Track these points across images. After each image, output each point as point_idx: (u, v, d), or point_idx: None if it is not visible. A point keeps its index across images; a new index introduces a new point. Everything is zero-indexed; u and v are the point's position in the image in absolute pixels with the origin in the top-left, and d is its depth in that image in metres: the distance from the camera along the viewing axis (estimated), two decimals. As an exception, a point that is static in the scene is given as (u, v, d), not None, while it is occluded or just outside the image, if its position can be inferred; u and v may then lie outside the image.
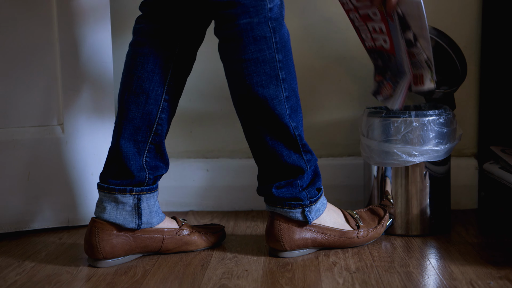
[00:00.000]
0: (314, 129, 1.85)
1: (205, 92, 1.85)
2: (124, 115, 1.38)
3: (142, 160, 1.38)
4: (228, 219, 1.74)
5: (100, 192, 1.39)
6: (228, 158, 1.87)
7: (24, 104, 1.61)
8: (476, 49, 1.80)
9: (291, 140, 1.37)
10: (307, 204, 1.40)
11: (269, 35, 1.31)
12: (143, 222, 1.38)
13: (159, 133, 1.39)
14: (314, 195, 1.41)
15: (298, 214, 1.40)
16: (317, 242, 1.43)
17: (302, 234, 1.41)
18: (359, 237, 1.46)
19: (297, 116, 1.37)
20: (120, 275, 1.31)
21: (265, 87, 1.32)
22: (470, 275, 1.26)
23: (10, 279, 1.31)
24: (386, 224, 1.52)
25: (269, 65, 1.32)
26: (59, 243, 1.55)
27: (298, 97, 1.38)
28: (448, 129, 1.51)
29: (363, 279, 1.26)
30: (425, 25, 1.37)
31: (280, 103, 1.34)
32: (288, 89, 1.35)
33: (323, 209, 1.44)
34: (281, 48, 1.33)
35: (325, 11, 1.81)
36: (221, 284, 1.25)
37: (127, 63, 1.40)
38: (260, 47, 1.30)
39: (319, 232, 1.42)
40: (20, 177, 1.62)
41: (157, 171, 1.41)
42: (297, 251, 1.41)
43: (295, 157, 1.38)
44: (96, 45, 1.64)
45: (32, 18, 1.59)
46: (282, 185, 1.39)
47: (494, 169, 1.68)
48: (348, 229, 1.45)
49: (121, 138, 1.37)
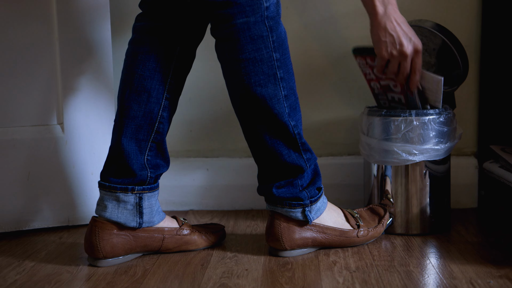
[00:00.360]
0: (314, 128, 1.85)
1: (205, 91, 1.85)
2: (126, 113, 1.38)
3: (144, 159, 1.38)
4: (228, 218, 1.74)
5: (101, 190, 1.39)
6: (228, 157, 1.87)
7: (24, 104, 1.61)
8: (476, 48, 1.80)
9: (291, 138, 1.36)
10: (307, 203, 1.40)
11: (266, 34, 1.30)
12: (145, 221, 1.38)
13: (161, 131, 1.39)
14: (315, 195, 1.41)
15: (299, 214, 1.40)
16: (317, 242, 1.43)
17: (302, 234, 1.41)
18: (359, 237, 1.46)
19: (296, 114, 1.37)
20: (120, 275, 1.31)
21: (263, 86, 1.32)
22: (470, 274, 1.26)
23: (10, 278, 1.31)
24: (386, 223, 1.52)
25: (267, 64, 1.31)
26: (59, 243, 1.55)
27: (296, 96, 1.38)
28: (448, 128, 1.51)
29: (363, 278, 1.26)
30: (440, 99, 1.49)
31: (279, 102, 1.33)
32: (286, 87, 1.34)
33: (324, 209, 1.44)
34: (278, 47, 1.32)
35: (325, 11, 1.81)
36: (221, 284, 1.25)
37: (127, 61, 1.40)
38: (258, 47, 1.30)
39: (319, 232, 1.42)
40: (20, 177, 1.62)
41: (158, 170, 1.41)
42: (297, 250, 1.41)
43: (294, 156, 1.37)
44: (96, 44, 1.64)
45: (32, 17, 1.59)
46: (283, 185, 1.39)
47: (494, 168, 1.68)
48: (348, 228, 1.45)
49: (123, 137, 1.37)
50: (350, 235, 1.45)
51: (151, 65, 1.37)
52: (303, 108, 1.83)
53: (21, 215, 1.63)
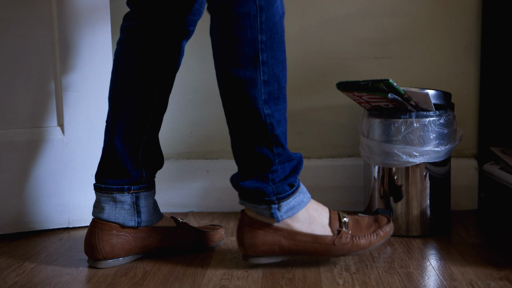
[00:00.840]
0: (314, 130, 1.84)
1: (205, 93, 1.85)
2: (117, 114, 1.37)
3: (138, 159, 1.38)
4: (228, 220, 1.74)
5: (97, 192, 1.39)
6: (228, 159, 1.87)
7: (24, 105, 1.61)
8: (476, 49, 1.80)
9: (261, 127, 1.25)
10: (273, 200, 1.27)
11: (254, 13, 1.20)
12: (143, 220, 1.38)
13: (153, 130, 1.39)
14: (283, 191, 1.28)
15: (266, 212, 1.28)
16: (286, 249, 1.29)
17: (266, 238, 1.29)
18: (337, 244, 1.29)
19: (277, 104, 1.25)
20: (120, 276, 1.31)
21: (241, 67, 1.22)
22: (470, 275, 1.26)
23: (10, 280, 1.30)
24: (384, 234, 1.34)
25: (249, 45, 1.21)
26: (59, 244, 1.55)
27: (282, 85, 1.26)
28: (448, 130, 1.51)
29: (363, 280, 1.26)
30: (432, 108, 1.51)
31: (255, 86, 1.23)
32: (268, 73, 1.23)
33: (300, 208, 1.30)
34: (266, 29, 1.22)
35: (325, 12, 1.81)
36: (221, 285, 1.25)
37: (116, 62, 1.40)
38: (242, 25, 1.21)
39: (287, 237, 1.28)
40: (20, 178, 1.61)
41: (153, 168, 1.41)
42: (263, 258, 1.30)
43: (264, 147, 1.26)
44: (96, 45, 1.64)
45: (32, 18, 1.59)
46: (248, 176, 1.28)
47: (494, 170, 1.68)
48: (324, 234, 1.30)
49: (116, 138, 1.37)
50: (324, 242, 1.29)
51: (140, 65, 1.37)
52: (303, 110, 1.83)
53: (21, 216, 1.63)
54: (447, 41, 1.80)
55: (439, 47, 1.80)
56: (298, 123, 1.84)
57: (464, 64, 1.80)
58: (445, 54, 1.80)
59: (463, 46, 1.79)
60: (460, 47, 1.80)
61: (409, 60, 1.81)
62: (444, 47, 1.80)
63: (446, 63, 1.81)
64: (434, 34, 1.80)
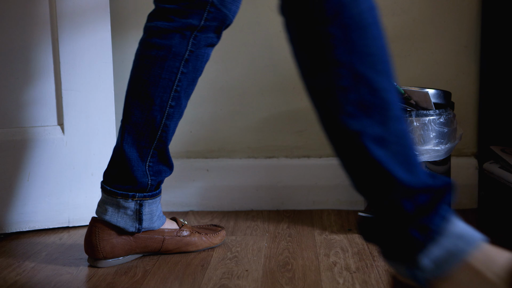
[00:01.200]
0: (315, 129, 1.84)
1: (205, 92, 1.85)
2: (128, 118, 1.34)
3: (145, 166, 1.36)
4: (228, 219, 1.74)
5: (102, 193, 1.38)
6: (228, 158, 1.87)
7: (24, 105, 1.61)
8: (476, 48, 1.80)
9: None
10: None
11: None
12: (143, 227, 1.38)
13: (163, 139, 1.35)
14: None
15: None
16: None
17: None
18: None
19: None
20: (120, 275, 1.31)
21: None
22: (470, 275, 1.26)
23: (11, 279, 1.30)
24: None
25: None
26: (59, 244, 1.55)
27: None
28: (448, 128, 1.51)
29: (363, 279, 1.26)
30: (432, 107, 1.52)
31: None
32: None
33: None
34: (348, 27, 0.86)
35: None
36: (221, 284, 1.25)
37: (135, 63, 1.35)
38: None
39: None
40: (20, 177, 1.62)
41: (160, 176, 1.38)
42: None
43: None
44: (96, 45, 1.64)
45: (32, 18, 1.59)
46: None
47: (494, 169, 1.68)
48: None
49: (124, 143, 1.34)
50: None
51: (156, 71, 1.31)
52: (303, 109, 1.83)
53: (21, 216, 1.63)
54: (447, 40, 1.80)
55: (439, 46, 1.80)
56: (298, 122, 1.84)
57: (464, 63, 1.80)
58: (445, 53, 1.80)
59: (463, 45, 1.79)
60: (460, 46, 1.80)
61: (409, 59, 1.81)
62: (444, 46, 1.80)
63: (446, 62, 1.81)
64: (434, 33, 1.80)
